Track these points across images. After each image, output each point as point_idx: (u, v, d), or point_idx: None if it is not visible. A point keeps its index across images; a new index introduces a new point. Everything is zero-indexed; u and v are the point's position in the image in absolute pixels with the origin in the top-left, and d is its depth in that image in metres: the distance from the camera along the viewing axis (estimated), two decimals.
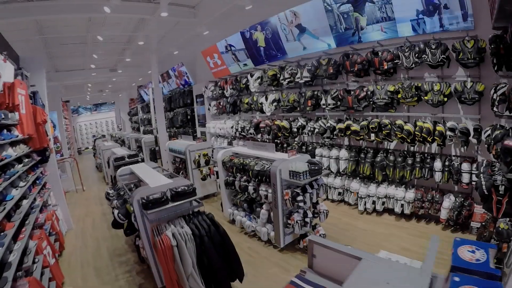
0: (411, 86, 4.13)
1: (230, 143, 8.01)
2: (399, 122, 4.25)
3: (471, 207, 3.96)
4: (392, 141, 4.42)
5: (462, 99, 3.79)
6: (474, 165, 3.89)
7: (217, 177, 4.98)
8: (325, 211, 3.79)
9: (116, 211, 3.17)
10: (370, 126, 4.43)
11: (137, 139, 9.45)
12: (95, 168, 12.28)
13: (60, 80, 11.83)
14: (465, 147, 3.90)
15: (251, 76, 6.59)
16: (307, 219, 3.57)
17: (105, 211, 6.31)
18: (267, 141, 6.88)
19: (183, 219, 2.67)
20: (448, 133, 3.90)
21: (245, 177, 4.20)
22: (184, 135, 7.54)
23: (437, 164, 4.10)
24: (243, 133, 7.14)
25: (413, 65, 4.08)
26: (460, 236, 3.95)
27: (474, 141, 3.77)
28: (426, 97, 4.02)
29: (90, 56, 9.62)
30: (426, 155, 4.34)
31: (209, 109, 8.74)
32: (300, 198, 3.41)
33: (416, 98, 4.15)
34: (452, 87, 3.84)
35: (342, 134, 4.81)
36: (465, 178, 3.91)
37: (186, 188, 2.76)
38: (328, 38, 5.04)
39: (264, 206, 3.93)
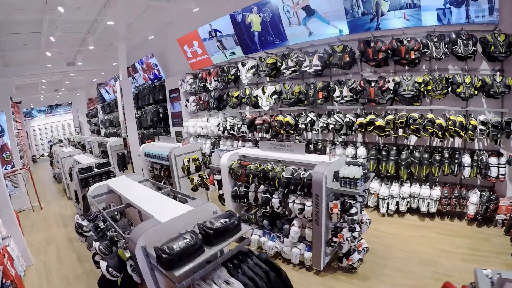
0: (442, 78, 3.86)
1: (214, 145, 7.07)
2: (430, 115, 3.94)
3: (497, 200, 3.90)
4: (420, 137, 4.06)
5: (491, 92, 3.71)
6: (502, 159, 3.81)
7: (219, 188, 4.09)
8: (367, 220, 3.24)
9: (103, 264, 2.05)
10: (399, 121, 3.99)
11: (100, 143, 7.88)
12: (52, 179, 10.14)
13: (8, 75, 9.71)
14: (496, 140, 3.79)
15: (243, 65, 5.74)
16: (355, 234, 2.97)
17: (70, 236, 4.96)
18: (260, 139, 6.15)
19: (225, 269, 1.76)
20: (480, 127, 3.75)
21: (262, 187, 3.43)
22: (162, 136, 6.38)
23: (466, 159, 3.94)
24: (232, 132, 6.28)
25: (443, 56, 3.85)
26: (485, 230, 3.92)
27: (504, 134, 3.67)
28: (458, 90, 3.79)
29: (45, 47, 7.84)
30: (454, 150, 4.11)
31: (186, 105, 7.63)
32: (354, 210, 2.79)
33: (445, 91, 3.90)
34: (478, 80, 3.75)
35: (363, 130, 4.31)
36: (494, 172, 3.82)
37: (228, 220, 1.79)
38: (341, 23, 4.47)
39: (295, 222, 3.21)
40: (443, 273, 3.02)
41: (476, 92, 3.77)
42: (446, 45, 3.81)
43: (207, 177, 5.02)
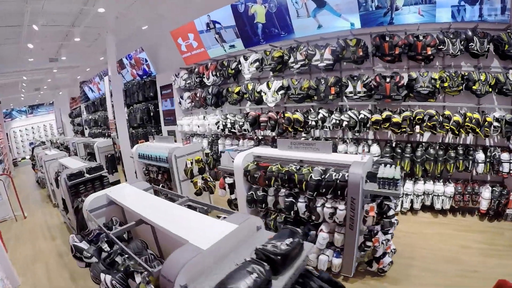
0: (458, 75, 3.84)
1: (212, 144, 6.73)
2: (447, 112, 3.91)
3: (508, 195, 3.96)
4: (435, 133, 4.00)
5: (504, 90, 3.76)
6: None
7: (231, 192, 3.79)
8: (396, 221, 3.10)
9: None
10: (417, 118, 3.91)
11: (87, 144, 7.22)
12: (35, 184, 9.27)
13: None
14: (509, 137, 3.83)
15: (245, 59, 5.42)
16: (388, 236, 2.83)
17: (59, 250, 4.45)
18: (262, 137, 5.91)
19: None
20: (495, 123, 3.78)
21: (284, 191, 3.19)
22: (158, 136, 5.93)
23: (480, 156, 3.96)
24: (233, 130, 5.96)
25: (458, 53, 3.84)
26: (497, 224, 3.99)
27: None
28: (474, 87, 3.79)
29: (27, 41, 7.03)
30: (467, 147, 4.12)
31: (180, 102, 7.18)
32: (391, 212, 2.66)
33: (461, 88, 3.89)
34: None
35: (378, 127, 4.18)
36: (506, 167, 3.85)
37: (293, 240, 1.43)
38: (353, 16, 4.29)
39: (323, 227, 3.00)
40: (469, 270, 3.02)
41: (490, 90, 3.79)
42: (462, 42, 3.79)
43: (211, 180, 4.70)
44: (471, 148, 4.08)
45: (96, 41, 8.03)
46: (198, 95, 6.62)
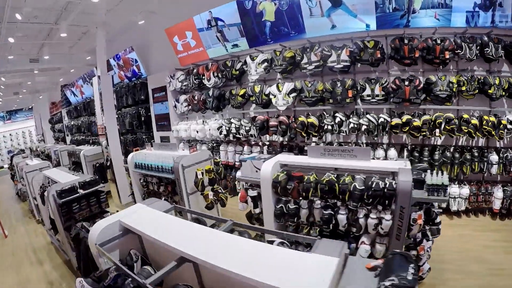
0: (475, 79, 3.92)
1: (212, 151, 6.34)
2: (465, 115, 3.97)
3: None
4: (453, 136, 4.04)
5: None
6: None
7: (255, 206, 3.48)
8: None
9: None
10: (437, 121, 3.90)
11: (71, 152, 6.47)
12: (15, 197, 8.27)
13: None
14: None
15: (252, 59, 5.14)
16: (430, 243, 2.77)
17: (50, 277, 3.87)
18: (269, 143, 5.67)
19: None
20: (509, 126, 3.88)
21: (319, 202, 2.98)
22: (157, 143, 5.45)
23: (494, 157, 4.06)
24: (238, 136, 5.65)
25: (474, 57, 3.93)
26: (508, 222, 4.14)
27: None
28: (490, 91, 3.88)
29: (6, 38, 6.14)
30: (481, 149, 4.22)
31: (175, 106, 6.72)
32: (438, 219, 2.60)
33: (476, 91, 3.97)
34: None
35: (397, 131, 4.13)
36: None
37: (414, 266, 1.23)
38: (369, 17, 4.21)
39: (365, 239, 2.83)
40: (498, 268, 3.12)
41: (504, 93, 3.91)
42: (478, 47, 3.87)
43: (223, 191, 4.37)
44: (485, 150, 4.18)
45: (81, 40, 7.28)
46: (196, 97, 6.22)
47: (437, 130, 3.96)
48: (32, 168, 4.84)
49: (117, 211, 2.47)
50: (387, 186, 2.57)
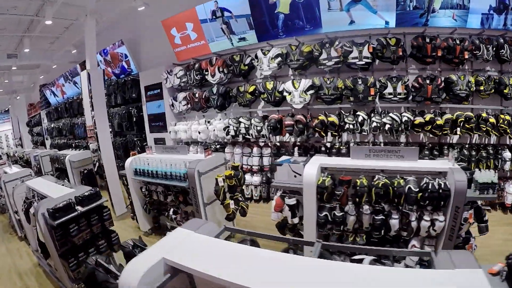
0: (492, 79, 4.01)
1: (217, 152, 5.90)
2: (484, 114, 4.03)
3: None
4: (472, 135, 4.12)
5: None
6: None
7: (293, 216, 3.15)
8: None
9: None
10: (459, 120, 3.93)
11: (54, 157, 5.64)
12: None
13: None
14: None
15: (264, 54, 4.80)
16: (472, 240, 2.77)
17: None
18: (281, 144, 5.38)
19: None
20: None
21: (367, 207, 2.75)
22: (160, 145, 4.90)
23: (507, 154, 4.17)
24: (247, 136, 5.27)
25: (491, 58, 4.03)
26: None
27: None
28: (505, 91, 3.99)
29: None
30: (495, 146, 4.30)
31: (172, 104, 6.17)
32: (486, 217, 2.60)
33: (493, 91, 4.06)
34: None
35: (419, 130, 4.06)
36: None
37: None
38: (389, 14, 4.11)
39: (415, 242, 2.71)
40: None
41: None
42: (494, 48, 3.99)
43: (243, 199, 3.97)
44: (499, 148, 4.28)
45: (63, 35, 6.40)
46: (198, 95, 5.73)
47: (458, 129, 3.97)
48: (11, 177, 4.09)
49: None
50: (442, 187, 2.46)
